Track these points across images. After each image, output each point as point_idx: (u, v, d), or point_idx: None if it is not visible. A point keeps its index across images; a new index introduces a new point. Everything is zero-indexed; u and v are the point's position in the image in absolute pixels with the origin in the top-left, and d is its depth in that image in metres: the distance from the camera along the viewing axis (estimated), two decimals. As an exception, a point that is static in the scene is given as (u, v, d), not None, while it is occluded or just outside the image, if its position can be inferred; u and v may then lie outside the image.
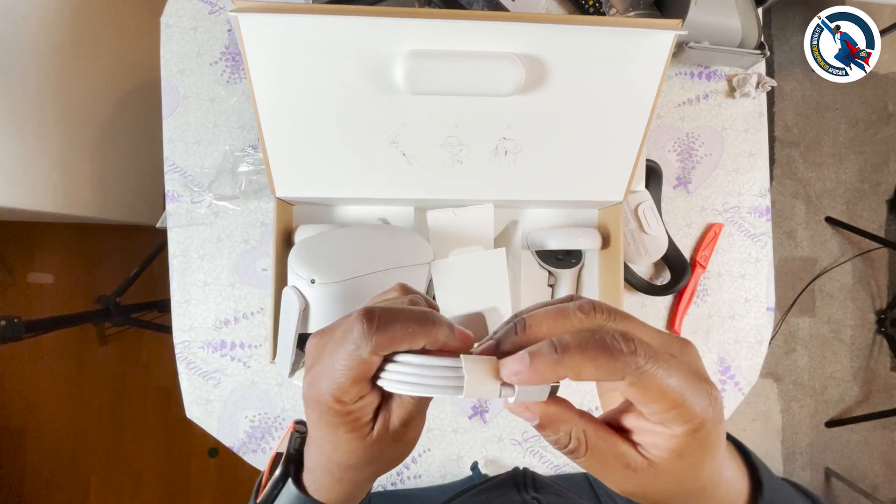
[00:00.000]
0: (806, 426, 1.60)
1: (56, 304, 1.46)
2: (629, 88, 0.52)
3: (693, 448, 0.23)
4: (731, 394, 0.72)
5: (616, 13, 0.70)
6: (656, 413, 0.23)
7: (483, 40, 0.48)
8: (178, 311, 0.66)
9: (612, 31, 0.47)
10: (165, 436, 1.47)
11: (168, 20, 0.67)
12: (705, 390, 0.23)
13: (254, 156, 0.66)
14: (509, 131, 0.54)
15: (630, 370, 0.22)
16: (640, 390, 0.22)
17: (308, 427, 0.30)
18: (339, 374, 0.25)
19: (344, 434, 0.27)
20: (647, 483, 0.25)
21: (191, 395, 0.66)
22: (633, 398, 0.23)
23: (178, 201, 0.67)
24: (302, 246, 0.53)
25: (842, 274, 1.60)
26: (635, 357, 0.22)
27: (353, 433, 0.27)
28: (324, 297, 0.48)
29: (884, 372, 1.61)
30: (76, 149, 1.02)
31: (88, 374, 1.47)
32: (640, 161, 0.58)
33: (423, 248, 0.57)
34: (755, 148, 0.73)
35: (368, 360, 0.24)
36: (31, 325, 0.98)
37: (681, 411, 0.23)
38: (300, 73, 0.49)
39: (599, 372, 0.22)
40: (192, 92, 0.67)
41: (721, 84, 0.73)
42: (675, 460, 0.24)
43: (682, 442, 0.23)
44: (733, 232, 0.73)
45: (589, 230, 0.65)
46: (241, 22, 0.45)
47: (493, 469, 0.69)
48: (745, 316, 0.72)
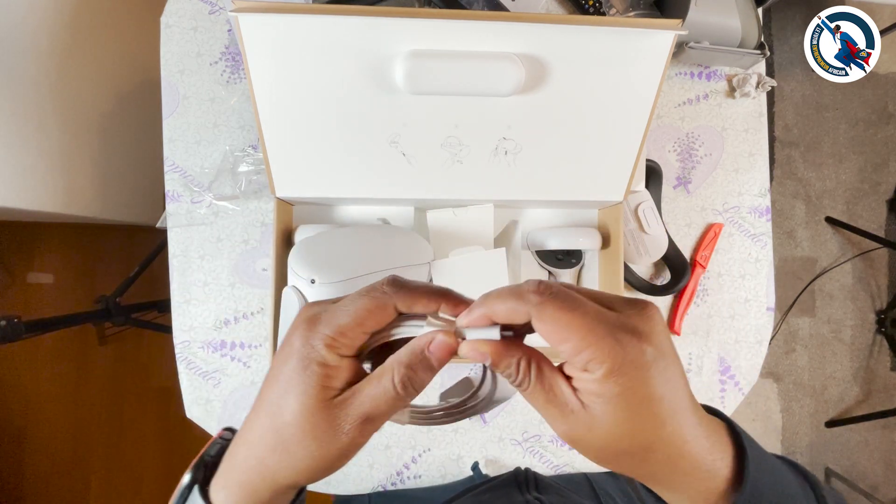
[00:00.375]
0: (806, 426, 1.60)
1: (56, 304, 1.46)
2: (629, 88, 0.52)
3: (617, 395, 0.24)
4: (731, 394, 0.72)
5: (616, 13, 0.70)
6: (569, 354, 0.25)
7: (483, 40, 0.48)
8: (178, 311, 0.66)
9: (612, 31, 0.47)
10: (165, 436, 1.47)
11: (168, 20, 0.67)
12: (616, 335, 0.24)
13: (254, 156, 0.66)
14: (509, 131, 0.54)
15: (531, 305, 0.25)
16: (545, 327, 0.25)
17: (266, 385, 0.28)
18: (352, 312, 0.26)
19: (308, 386, 0.26)
20: (583, 430, 0.26)
21: (191, 395, 0.66)
22: (544, 336, 0.25)
23: (178, 201, 0.67)
24: (302, 246, 0.53)
25: (842, 274, 1.60)
26: (536, 295, 0.25)
27: (317, 387, 0.26)
28: (324, 297, 0.48)
29: (884, 372, 1.61)
30: (76, 149, 1.02)
31: (88, 374, 1.47)
32: (640, 161, 0.58)
33: (423, 248, 0.57)
34: (755, 148, 0.73)
35: (386, 308, 0.27)
36: (31, 325, 0.98)
37: (591, 352, 0.24)
38: (300, 73, 0.49)
39: (506, 307, 0.26)
40: (192, 92, 0.67)
41: (721, 84, 0.73)
42: (603, 407, 0.25)
43: (603, 387, 0.24)
44: (733, 232, 0.73)
45: (589, 230, 0.65)
46: (241, 22, 0.45)
47: (493, 469, 0.69)
48: (745, 316, 0.72)
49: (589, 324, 0.24)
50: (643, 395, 0.24)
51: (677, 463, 0.26)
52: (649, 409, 0.25)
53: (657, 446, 0.25)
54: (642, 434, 0.25)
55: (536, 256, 0.67)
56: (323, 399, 0.26)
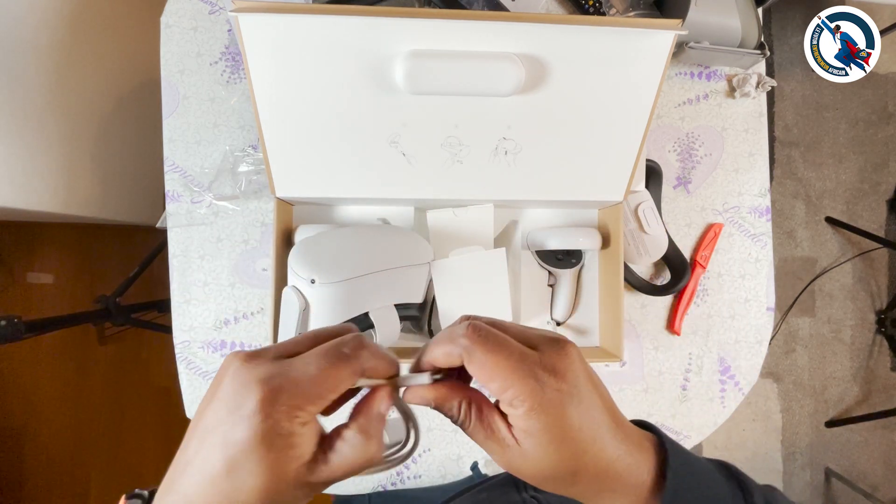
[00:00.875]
0: (806, 426, 1.60)
1: (56, 304, 1.46)
2: (629, 88, 0.52)
3: (539, 430, 0.27)
4: (731, 394, 0.72)
5: (616, 13, 0.70)
6: (496, 392, 0.27)
7: (483, 40, 0.48)
8: (178, 311, 0.66)
9: (612, 31, 0.47)
10: (165, 436, 1.47)
11: (168, 20, 0.67)
12: (536, 375, 0.27)
13: (254, 156, 0.66)
14: (509, 131, 0.54)
15: (462, 348, 0.27)
16: (474, 368, 0.27)
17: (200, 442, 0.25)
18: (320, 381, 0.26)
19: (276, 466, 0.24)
20: (519, 461, 0.28)
21: (191, 395, 0.66)
22: (475, 376, 0.28)
23: (178, 201, 0.67)
24: (302, 246, 0.53)
25: (842, 274, 1.60)
26: (466, 339, 0.27)
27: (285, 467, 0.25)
28: (324, 297, 0.48)
29: (884, 372, 1.61)
30: (76, 149, 1.02)
31: (88, 374, 1.47)
32: (640, 161, 0.58)
33: (423, 248, 0.57)
34: (755, 148, 0.73)
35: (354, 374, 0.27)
36: (31, 325, 0.98)
37: (514, 392, 0.26)
38: (300, 73, 0.49)
39: (442, 352, 0.28)
40: (192, 92, 0.67)
41: (721, 84, 0.73)
42: (529, 440, 0.27)
43: (527, 423, 0.27)
44: (733, 232, 0.73)
45: (589, 230, 0.65)
46: (241, 22, 0.45)
47: (493, 469, 0.69)
48: (745, 316, 0.72)
49: (512, 365, 0.27)
50: (562, 428, 0.27)
51: (603, 482, 0.28)
52: (569, 440, 0.27)
53: (581, 471, 0.28)
54: (566, 462, 0.27)
55: (536, 256, 0.67)
56: (295, 478, 0.25)
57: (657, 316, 0.72)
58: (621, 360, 0.61)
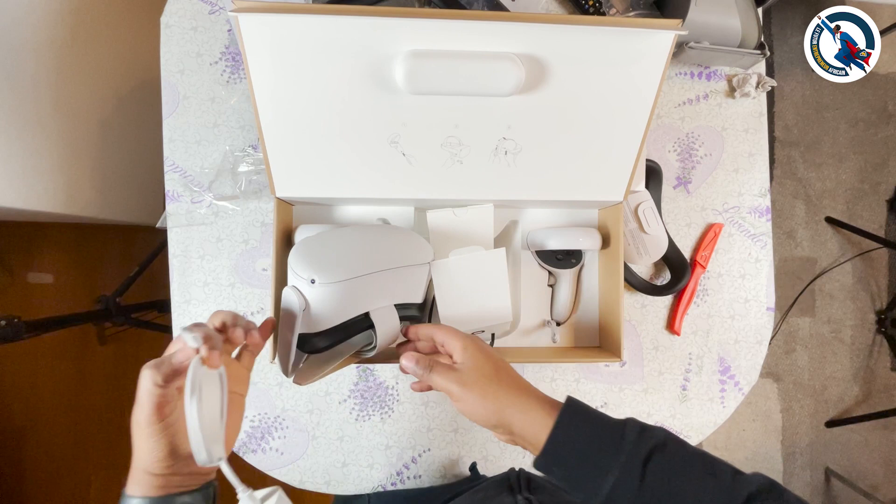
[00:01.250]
0: (806, 426, 1.60)
1: (56, 304, 1.46)
2: (629, 88, 0.52)
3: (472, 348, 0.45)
4: (731, 394, 0.72)
5: (616, 13, 0.70)
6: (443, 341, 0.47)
7: (483, 40, 0.48)
8: (178, 311, 0.66)
9: (612, 31, 0.47)
10: (165, 436, 1.47)
11: (168, 20, 0.67)
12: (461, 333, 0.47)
13: (254, 156, 0.66)
14: (509, 131, 0.54)
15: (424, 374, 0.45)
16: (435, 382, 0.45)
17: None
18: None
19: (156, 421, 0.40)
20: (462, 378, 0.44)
21: (191, 395, 0.66)
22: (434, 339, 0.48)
23: (178, 201, 0.67)
24: (302, 246, 0.53)
25: (842, 274, 1.60)
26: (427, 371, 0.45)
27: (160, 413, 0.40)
28: (324, 297, 0.48)
29: (884, 372, 1.61)
30: (76, 149, 1.02)
31: (88, 374, 1.47)
32: (640, 161, 0.58)
33: (423, 248, 0.57)
34: (755, 148, 0.73)
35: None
36: (31, 325, 0.98)
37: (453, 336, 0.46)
38: (300, 73, 0.49)
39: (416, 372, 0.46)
40: (192, 92, 0.67)
41: (721, 84, 0.73)
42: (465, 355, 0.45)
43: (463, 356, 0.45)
44: (733, 232, 0.73)
45: (589, 230, 0.65)
46: (241, 22, 0.45)
47: (492, 469, 0.69)
48: (745, 316, 0.72)
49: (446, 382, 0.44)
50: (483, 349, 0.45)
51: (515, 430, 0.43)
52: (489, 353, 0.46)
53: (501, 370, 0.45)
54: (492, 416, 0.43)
55: (536, 256, 0.67)
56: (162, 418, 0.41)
57: (657, 316, 0.72)
58: (621, 360, 0.61)
